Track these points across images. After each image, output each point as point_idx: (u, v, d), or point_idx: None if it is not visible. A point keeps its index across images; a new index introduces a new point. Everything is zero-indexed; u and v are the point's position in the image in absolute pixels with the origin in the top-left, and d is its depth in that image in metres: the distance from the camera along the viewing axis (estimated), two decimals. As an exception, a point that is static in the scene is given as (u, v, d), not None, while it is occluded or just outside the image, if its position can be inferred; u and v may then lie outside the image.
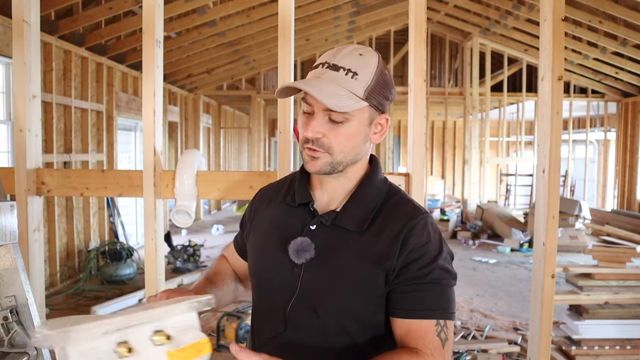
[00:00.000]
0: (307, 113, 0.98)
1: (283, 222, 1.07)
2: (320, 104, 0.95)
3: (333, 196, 1.05)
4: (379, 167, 1.07)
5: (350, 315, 0.98)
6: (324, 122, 0.96)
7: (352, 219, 1.01)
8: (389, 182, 1.07)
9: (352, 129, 0.97)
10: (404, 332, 0.95)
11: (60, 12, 4.90)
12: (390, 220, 1.00)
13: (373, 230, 1.00)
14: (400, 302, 0.96)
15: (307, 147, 0.98)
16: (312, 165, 0.99)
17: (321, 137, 0.96)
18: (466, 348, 3.41)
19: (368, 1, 7.43)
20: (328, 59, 0.96)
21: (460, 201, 10.57)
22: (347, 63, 0.95)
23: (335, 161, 0.98)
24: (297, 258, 0.99)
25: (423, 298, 0.95)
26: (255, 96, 9.84)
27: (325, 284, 0.98)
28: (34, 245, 2.20)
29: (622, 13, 5.92)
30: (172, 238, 6.28)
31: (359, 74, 0.95)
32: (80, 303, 4.57)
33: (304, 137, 0.98)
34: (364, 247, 0.98)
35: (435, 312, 0.94)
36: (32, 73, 2.18)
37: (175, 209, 2.28)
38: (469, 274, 5.98)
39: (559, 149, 2.09)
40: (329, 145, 0.96)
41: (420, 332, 0.93)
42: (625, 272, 3.04)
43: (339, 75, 0.94)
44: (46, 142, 4.81)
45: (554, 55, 2.05)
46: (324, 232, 1.01)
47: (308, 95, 0.96)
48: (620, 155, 9.06)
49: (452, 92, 9.86)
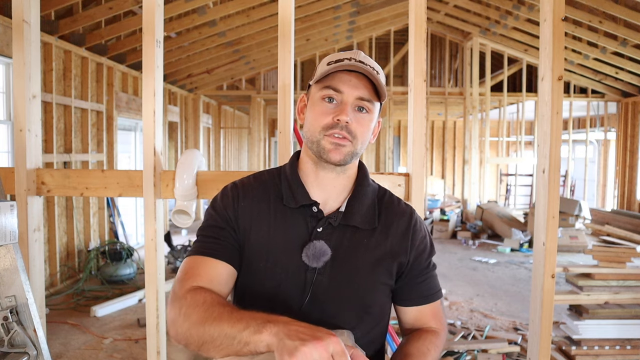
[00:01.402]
0: (330, 101, 0.99)
1: (285, 225, 1.02)
2: (353, 92, 0.97)
3: (332, 194, 1.04)
4: (366, 166, 1.12)
5: (366, 312, 1.01)
6: (352, 110, 0.98)
7: (361, 218, 1.03)
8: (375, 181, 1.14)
9: (371, 120, 1.02)
10: (418, 315, 1.08)
11: (60, 12, 4.90)
12: (392, 217, 1.06)
13: (380, 227, 1.04)
14: (416, 291, 1.07)
15: (332, 134, 0.97)
16: (336, 154, 0.98)
17: (351, 123, 0.98)
18: (466, 348, 3.40)
19: (368, 1, 7.43)
20: (352, 56, 1.00)
21: (460, 201, 10.57)
22: (370, 62, 1.00)
23: (355, 151, 1.00)
24: (315, 262, 0.98)
25: (431, 284, 1.09)
26: (255, 96, 9.84)
27: (343, 285, 0.99)
28: (34, 245, 2.20)
29: (622, 13, 5.92)
30: (172, 238, 6.28)
31: (379, 73, 1.00)
32: (80, 303, 4.57)
33: (331, 122, 0.97)
34: (378, 244, 1.03)
35: (439, 293, 1.10)
36: (32, 73, 2.18)
37: (175, 209, 2.28)
38: (469, 274, 5.98)
39: (559, 149, 2.09)
40: (355, 133, 0.98)
41: (434, 311, 1.08)
42: (625, 272, 3.03)
43: (369, 69, 0.98)
44: (46, 142, 4.81)
45: (554, 55, 2.05)
46: (334, 234, 1.01)
47: (341, 83, 0.97)
48: (620, 155, 9.06)
49: (452, 92, 9.86)
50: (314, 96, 1.02)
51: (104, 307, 4.33)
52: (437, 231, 8.44)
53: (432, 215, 9.22)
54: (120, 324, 4.07)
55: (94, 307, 4.28)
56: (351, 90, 0.97)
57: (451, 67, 10.32)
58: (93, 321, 4.12)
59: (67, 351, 3.50)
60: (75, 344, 3.64)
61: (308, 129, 1.01)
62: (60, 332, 3.85)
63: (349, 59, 0.98)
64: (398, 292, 1.07)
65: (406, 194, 2.13)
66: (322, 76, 0.98)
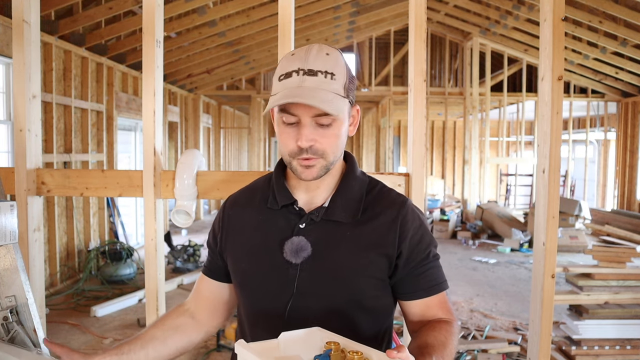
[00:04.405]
0: (289, 124, 0.96)
1: (266, 225, 1.05)
2: (307, 112, 0.93)
3: (316, 193, 1.05)
4: (354, 160, 1.11)
5: (353, 305, 1.00)
6: (313, 129, 0.95)
7: (344, 211, 1.02)
8: (366, 174, 1.11)
9: (339, 128, 0.98)
10: (424, 308, 1.03)
11: (60, 12, 4.90)
12: (380, 208, 1.04)
13: (366, 219, 1.03)
14: (418, 284, 1.03)
15: (299, 158, 0.96)
16: (308, 174, 0.97)
17: (314, 143, 0.95)
18: (466, 348, 3.40)
19: (368, 1, 7.43)
20: (300, 65, 0.94)
21: (460, 201, 10.57)
22: (321, 65, 0.94)
23: (328, 163, 0.98)
24: (294, 258, 0.98)
25: (434, 275, 1.04)
26: (255, 96, 9.84)
27: (327, 279, 0.98)
28: (34, 245, 2.20)
29: (622, 13, 5.92)
30: (172, 238, 6.28)
31: (335, 74, 0.95)
32: (80, 303, 4.57)
33: (295, 149, 0.95)
34: (361, 236, 1.01)
35: (444, 284, 1.05)
36: (32, 73, 2.18)
37: (175, 209, 2.28)
38: (469, 274, 5.98)
39: (559, 149, 2.09)
40: (322, 150, 0.96)
41: (441, 303, 1.03)
42: (625, 272, 3.03)
43: (319, 79, 0.93)
44: (46, 142, 4.81)
45: (554, 55, 2.05)
46: (315, 229, 1.01)
47: (292, 106, 0.93)
48: (620, 155, 9.06)
49: (452, 92, 9.86)
50: (275, 115, 0.99)
51: (104, 307, 4.33)
52: (437, 231, 8.44)
53: (432, 215, 9.22)
54: (120, 324, 4.07)
55: (94, 307, 4.28)
56: (305, 111, 0.93)
57: (451, 67, 10.32)
58: (93, 321, 4.12)
59: (67, 351, 3.50)
60: (75, 344, 3.64)
61: (279, 148, 1.02)
62: (60, 332, 3.85)
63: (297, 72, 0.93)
64: (398, 286, 1.03)
65: (406, 193, 2.13)
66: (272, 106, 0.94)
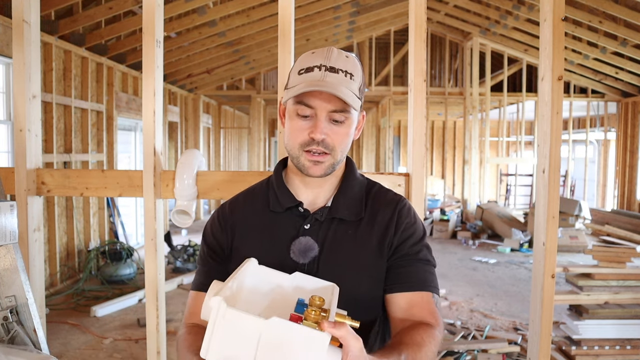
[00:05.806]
0: (303, 117, 0.98)
1: (270, 228, 1.05)
2: (324, 106, 0.96)
3: (319, 194, 1.06)
4: (353, 162, 1.13)
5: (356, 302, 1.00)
6: (326, 123, 0.97)
7: (348, 210, 1.04)
8: (364, 176, 1.14)
9: (350, 127, 1.00)
10: (407, 306, 1.00)
11: (60, 12, 4.90)
12: (379, 207, 1.06)
13: (367, 218, 1.05)
14: (398, 277, 1.01)
15: (308, 151, 0.98)
16: (316, 170, 0.99)
17: (326, 137, 0.97)
18: (466, 348, 3.40)
19: (368, 1, 7.43)
20: (322, 62, 0.97)
21: (460, 201, 10.57)
22: (342, 65, 0.97)
23: (335, 161, 1.00)
24: (302, 258, 1.00)
25: (417, 273, 1.01)
26: (255, 96, 9.84)
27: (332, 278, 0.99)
28: (34, 245, 2.20)
29: (622, 13, 5.92)
30: (172, 238, 6.28)
31: (354, 75, 0.98)
32: (80, 303, 4.57)
33: (307, 139, 0.97)
34: (363, 234, 1.03)
35: (431, 287, 1.01)
36: (32, 73, 2.18)
37: (175, 209, 2.28)
38: (469, 274, 5.98)
39: (559, 149, 2.09)
40: (332, 145, 0.98)
41: (423, 303, 0.99)
42: (625, 272, 3.04)
43: (340, 77, 0.96)
44: (46, 142, 4.81)
45: (554, 55, 2.05)
46: (320, 229, 1.03)
47: (311, 98, 0.96)
48: (620, 155, 9.06)
49: (452, 92, 9.86)
50: (289, 108, 1.01)
51: (104, 307, 4.33)
52: (437, 231, 8.44)
53: (432, 215, 9.22)
54: (120, 324, 4.07)
55: (94, 307, 4.28)
56: (323, 104, 0.96)
57: (451, 67, 10.31)
58: (93, 321, 4.12)
59: (67, 351, 3.50)
60: (75, 344, 3.64)
61: (287, 142, 1.02)
62: (60, 332, 3.85)
63: (319, 67, 0.96)
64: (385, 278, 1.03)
65: (406, 194, 2.13)
66: (293, 95, 0.96)
